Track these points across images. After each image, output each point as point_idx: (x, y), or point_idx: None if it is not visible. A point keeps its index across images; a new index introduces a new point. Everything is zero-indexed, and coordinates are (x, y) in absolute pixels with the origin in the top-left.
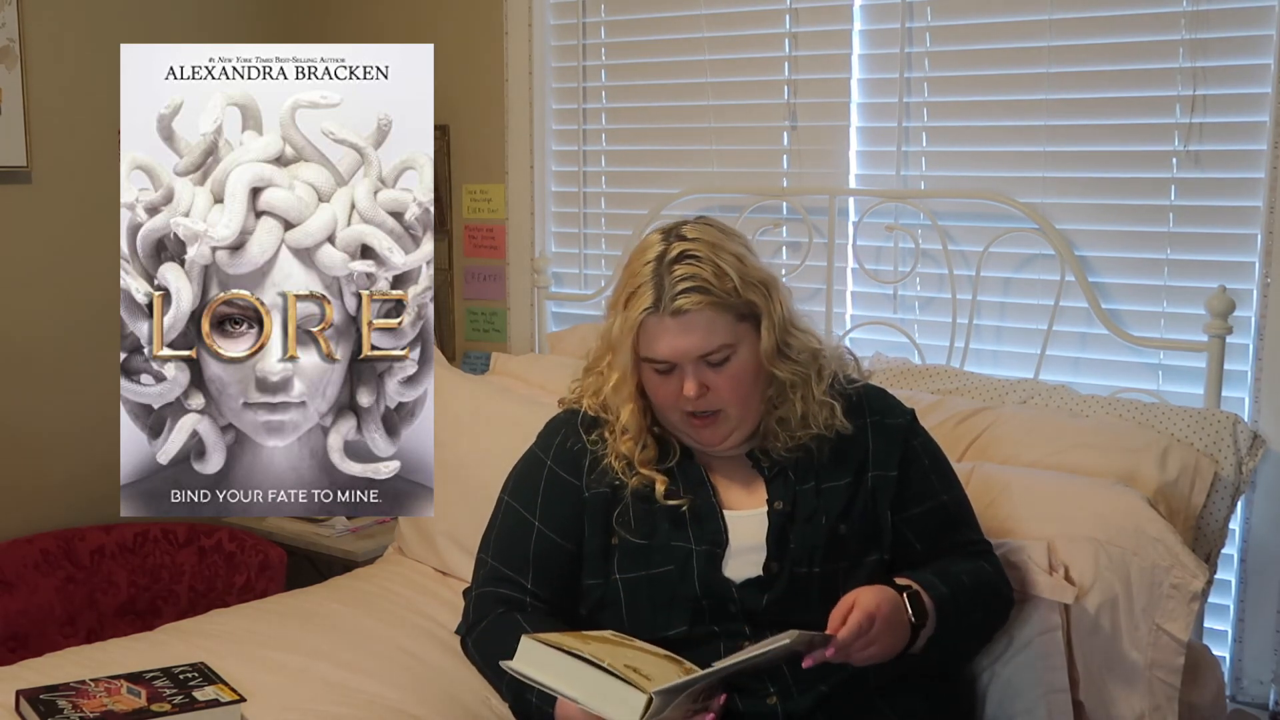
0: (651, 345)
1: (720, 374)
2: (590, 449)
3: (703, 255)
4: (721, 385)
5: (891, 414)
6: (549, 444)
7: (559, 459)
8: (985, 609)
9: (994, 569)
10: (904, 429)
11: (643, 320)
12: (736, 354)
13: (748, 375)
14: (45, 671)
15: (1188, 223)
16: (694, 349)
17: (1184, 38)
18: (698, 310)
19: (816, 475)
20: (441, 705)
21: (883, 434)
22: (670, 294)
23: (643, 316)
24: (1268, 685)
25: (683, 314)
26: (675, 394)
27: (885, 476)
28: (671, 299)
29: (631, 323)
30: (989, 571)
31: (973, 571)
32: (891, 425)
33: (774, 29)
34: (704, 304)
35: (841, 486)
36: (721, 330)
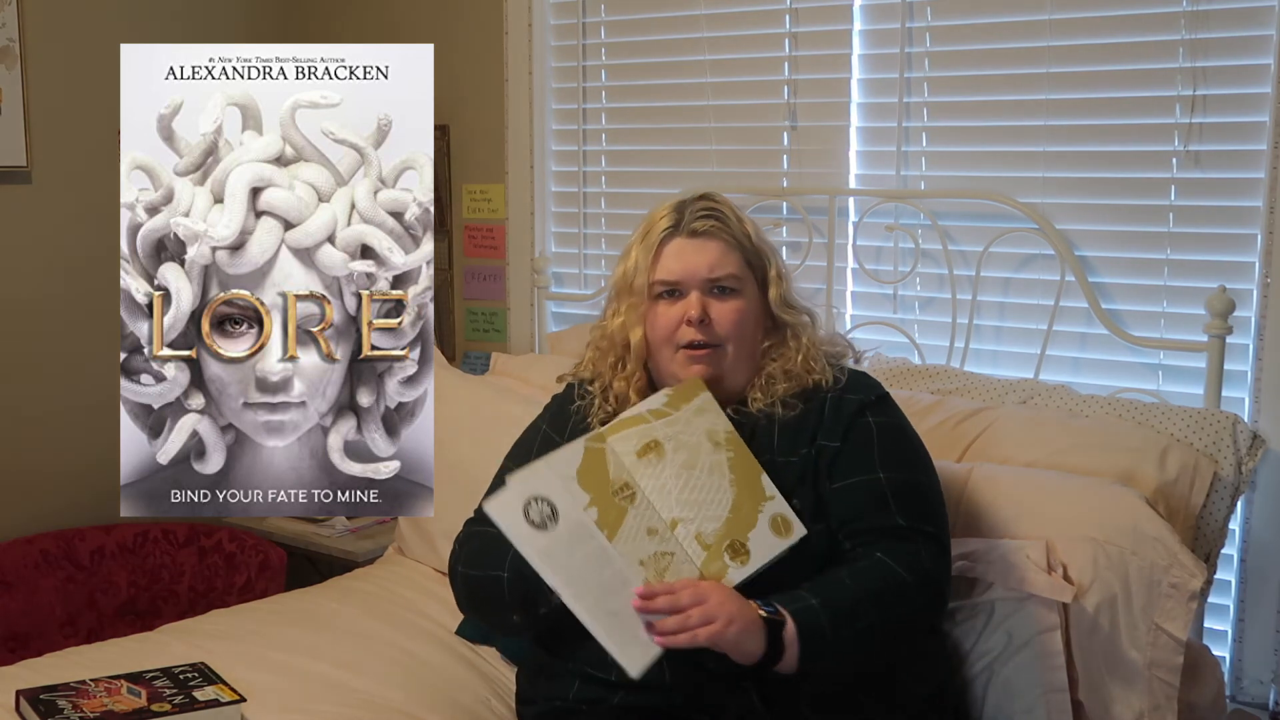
0: (667, 265)
1: (724, 304)
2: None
3: (721, 203)
4: (724, 316)
5: (856, 390)
6: (548, 412)
7: (552, 421)
8: (879, 607)
9: (895, 556)
10: (859, 403)
11: (661, 240)
12: (742, 292)
13: (749, 316)
14: (45, 671)
15: (1188, 223)
16: (705, 268)
17: (1184, 38)
18: (713, 235)
19: (772, 449)
20: (441, 705)
21: (837, 407)
22: (690, 217)
23: (662, 236)
24: (1268, 685)
25: (699, 235)
26: (677, 321)
27: (828, 447)
28: (691, 220)
29: (651, 242)
30: (879, 562)
31: (857, 571)
32: (849, 400)
33: (774, 29)
34: (720, 231)
35: (795, 461)
36: (732, 262)
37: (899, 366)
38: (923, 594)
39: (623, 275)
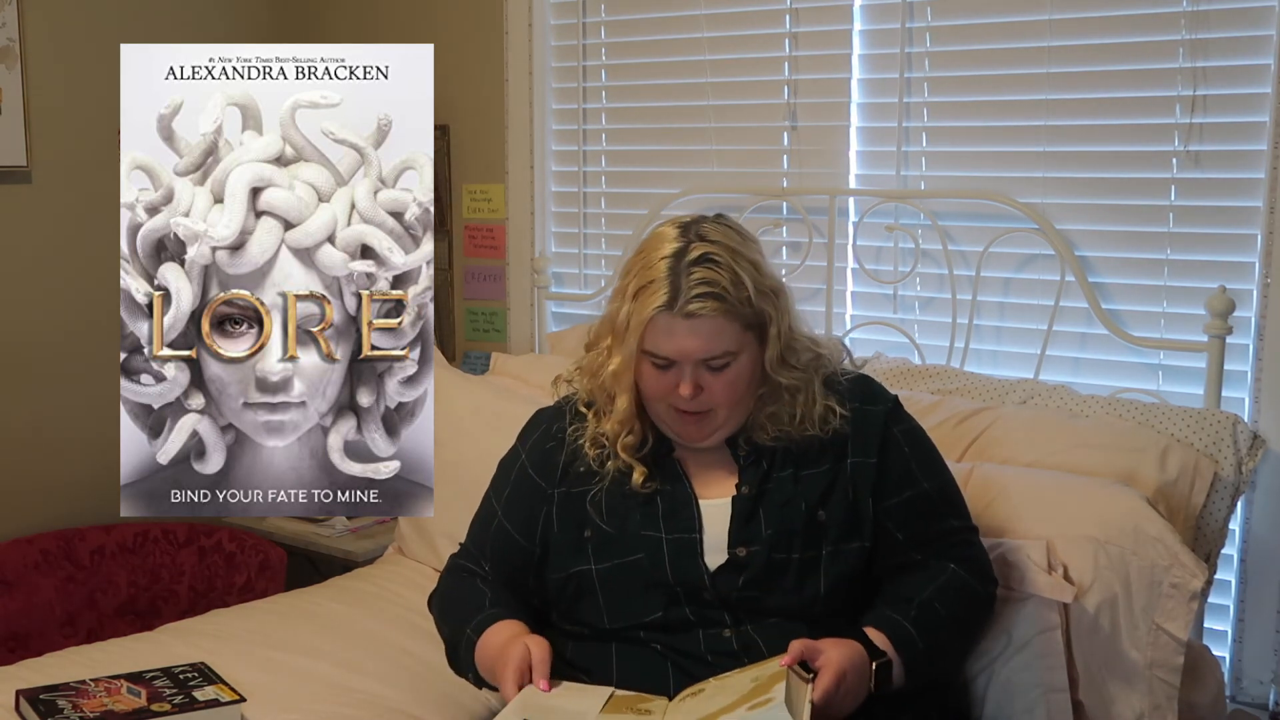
0: (657, 341)
1: (717, 377)
2: (569, 441)
3: (723, 261)
4: (717, 388)
5: (873, 400)
6: (528, 439)
7: (533, 457)
8: (963, 633)
9: (970, 568)
10: (884, 415)
11: (653, 316)
12: (737, 360)
13: (743, 380)
14: (45, 671)
15: (1188, 223)
16: (698, 352)
17: (1184, 38)
18: (710, 316)
19: (796, 462)
20: (441, 705)
21: (863, 421)
22: (686, 296)
23: (654, 313)
24: (1268, 685)
25: (694, 317)
26: (669, 389)
27: (864, 463)
28: (686, 301)
29: (642, 318)
30: (961, 579)
31: (945, 590)
32: (872, 412)
33: (774, 29)
34: (717, 311)
35: (821, 473)
36: (728, 338)
37: (899, 367)
38: (990, 600)
39: (614, 316)
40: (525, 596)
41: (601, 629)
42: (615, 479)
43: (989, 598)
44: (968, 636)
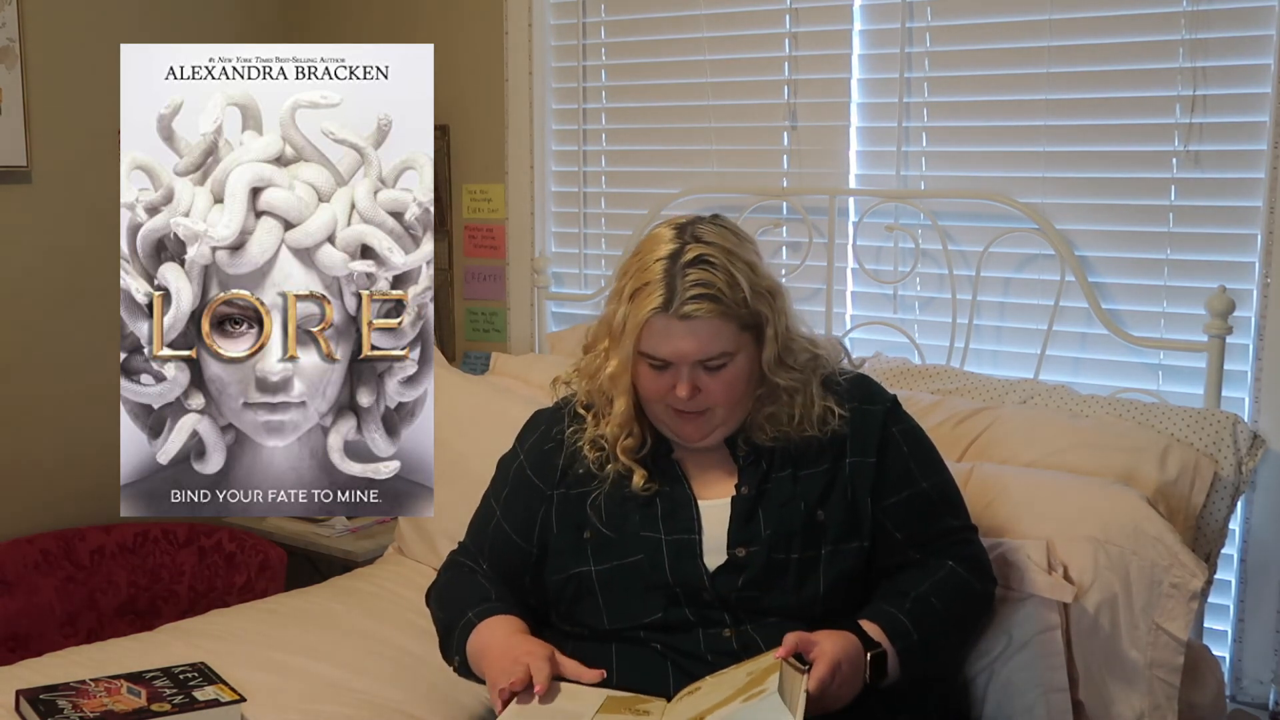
0: (653, 343)
1: (714, 378)
2: (567, 443)
3: (718, 262)
4: (714, 388)
5: (872, 400)
6: (527, 440)
7: (531, 458)
8: (960, 628)
9: (968, 566)
10: (883, 415)
11: (649, 318)
12: (734, 361)
13: (741, 381)
14: (45, 671)
15: (1188, 223)
16: (694, 353)
17: (1184, 38)
18: (705, 318)
19: (795, 462)
20: (441, 705)
21: (862, 420)
22: (681, 298)
23: (650, 315)
24: (1268, 685)
25: (690, 319)
26: (666, 389)
27: (863, 463)
28: (682, 303)
29: (638, 320)
30: (959, 576)
31: (941, 586)
32: (871, 412)
33: (774, 29)
34: (713, 312)
35: (820, 473)
36: (725, 338)
37: (899, 366)
38: (989, 598)
39: (611, 318)
40: (522, 596)
41: (601, 629)
42: (615, 482)
43: (987, 595)
44: (965, 632)
